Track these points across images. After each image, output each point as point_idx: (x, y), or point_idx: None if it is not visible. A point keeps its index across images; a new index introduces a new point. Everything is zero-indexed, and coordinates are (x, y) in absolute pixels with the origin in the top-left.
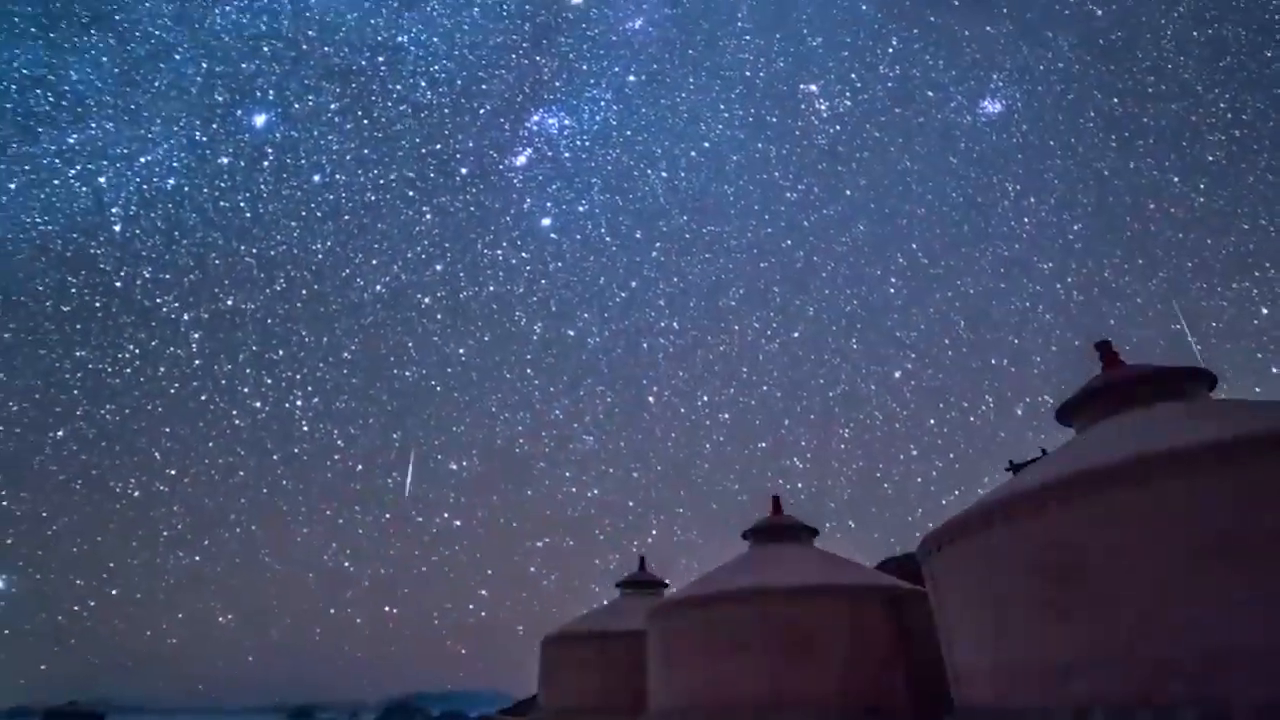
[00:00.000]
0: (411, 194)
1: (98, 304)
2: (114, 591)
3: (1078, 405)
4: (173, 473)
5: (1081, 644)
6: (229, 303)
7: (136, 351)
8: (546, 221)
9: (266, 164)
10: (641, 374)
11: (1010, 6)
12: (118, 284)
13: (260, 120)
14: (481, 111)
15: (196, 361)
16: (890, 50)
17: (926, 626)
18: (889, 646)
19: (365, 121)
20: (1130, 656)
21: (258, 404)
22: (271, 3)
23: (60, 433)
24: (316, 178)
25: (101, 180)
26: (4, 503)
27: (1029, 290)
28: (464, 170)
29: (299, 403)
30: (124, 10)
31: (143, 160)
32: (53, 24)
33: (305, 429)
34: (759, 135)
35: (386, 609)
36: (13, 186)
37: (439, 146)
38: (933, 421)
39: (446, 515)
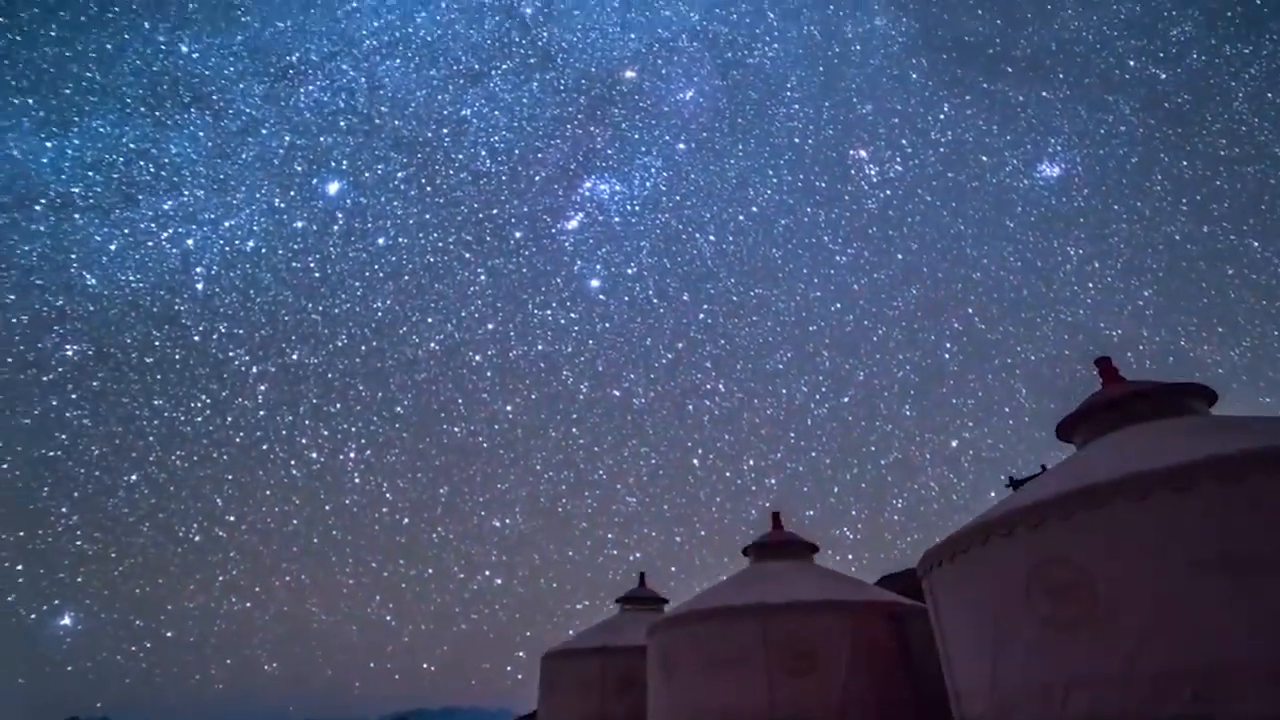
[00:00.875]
0: (468, 256)
1: (177, 356)
2: (169, 634)
3: (1077, 421)
4: (232, 519)
5: (1081, 660)
6: (294, 357)
7: (208, 401)
8: (595, 283)
9: (336, 228)
10: (686, 436)
11: (1066, 72)
12: (196, 338)
13: (334, 188)
14: (536, 178)
15: (261, 412)
16: (942, 116)
17: (927, 643)
18: (890, 663)
19: (428, 188)
20: (1130, 673)
21: (314, 454)
22: (350, 82)
23: (134, 477)
24: (381, 240)
25: (189, 242)
26: (79, 542)
27: (1092, 353)
28: (518, 234)
29: (352, 455)
30: (221, 91)
31: (227, 224)
32: (159, 103)
33: (356, 480)
34: (808, 200)
35: (424, 665)
36: (112, 248)
37: (495, 211)
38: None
39: (488, 573)
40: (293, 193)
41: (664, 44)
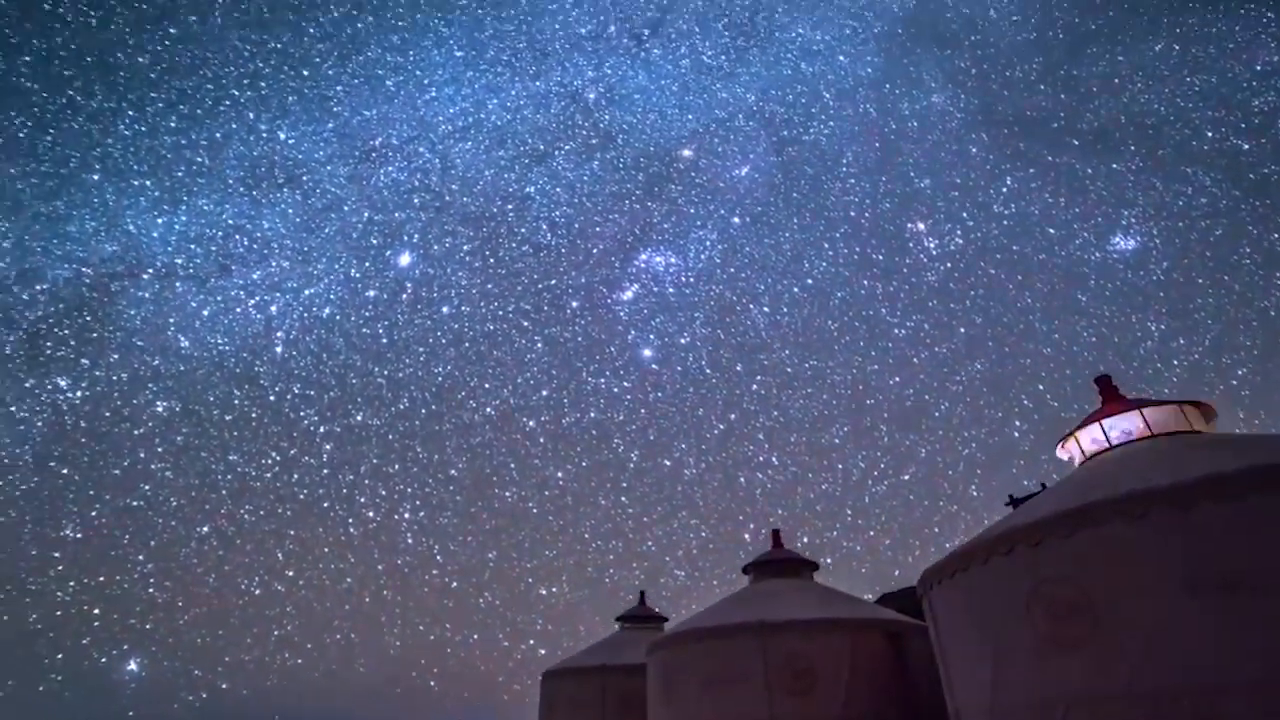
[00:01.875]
0: (526, 324)
1: (253, 414)
2: (224, 685)
3: (1077, 439)
4: (290, 574)
5: (1081, 678)
6: (359, 418)
7: (277, 458)
8: (648, 352)
9: (405, 296)
10: (738, 509)
11: (1138, 144)
12: (271, 398)
13: (405, 260)
14: (594, 251)
15: (325, 470)
16: (1004, 189)
17: (927, 660)
18: (890, 680)
19: (491, 260)
20: (1129, 690)
21: (371, 514)
22: (425, 163)
23: (205, 528)
24: (445, 309)
25: (273, 309)
26: (151, 589)
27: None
28: (574, 304)
29: (406, 515)
30: (311, 172)
31: (307, 293)
32: (256, 184)
33: (409, 541)
34: (864, 272)
35: None
36: (205, 314)
37: (554, 282)
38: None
39: (532, 642)
40: (367, 264)
41: (720, 124)
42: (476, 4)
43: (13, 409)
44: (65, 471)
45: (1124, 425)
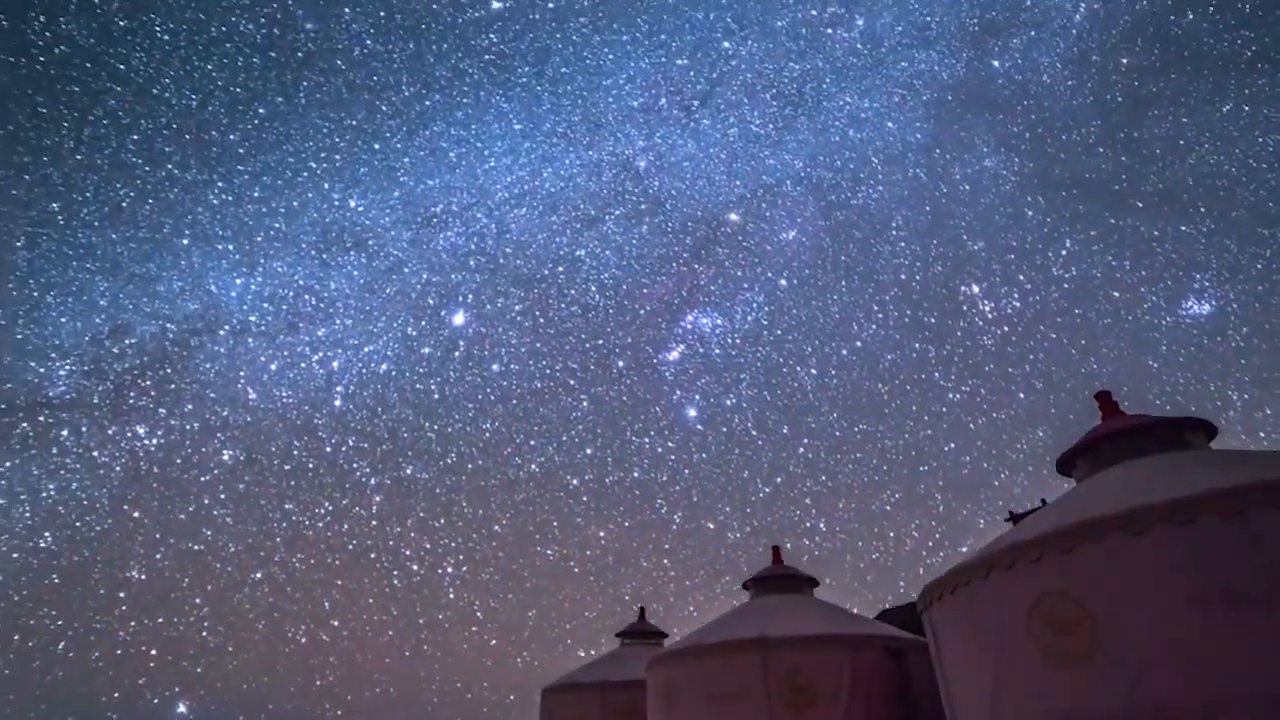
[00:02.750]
0: (572, 383)
1: (310, 465)
2: None
3: (1077, 455)
4: (335, 624)
5: (1083, 694)
6: (408, 471)
7: (330, 508)
8: (693, 413)
9: (457, 354)
10: None
11: (1208, 206)
12: (328, 449)
13: (459, 319)
14: (641, 312)
15: (374, 522)
16: (1064, 252)
17: (927, 676)
18: (890, 697)
19: (541, 320)
20: (1131, 707)
21: (415, 567)
22: (482, 228)
23: (259, 574)
24: (495, 366)
25: (334, 364)
26: (204, 633)
27: None
28: (620, 363)
29: (449, 569)
30: (376, 236)
31: (367, 349)
32: (327, 247)
33: (451, 596)
34: (916, 335)
35: None
36: (273, 368)
37: (600, 342)
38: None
39: None
40: (424, 323)
41: (767, 189)
42: (535, 82)
43: (95, 454)
44: (136, 515)
45: (1123, 441)
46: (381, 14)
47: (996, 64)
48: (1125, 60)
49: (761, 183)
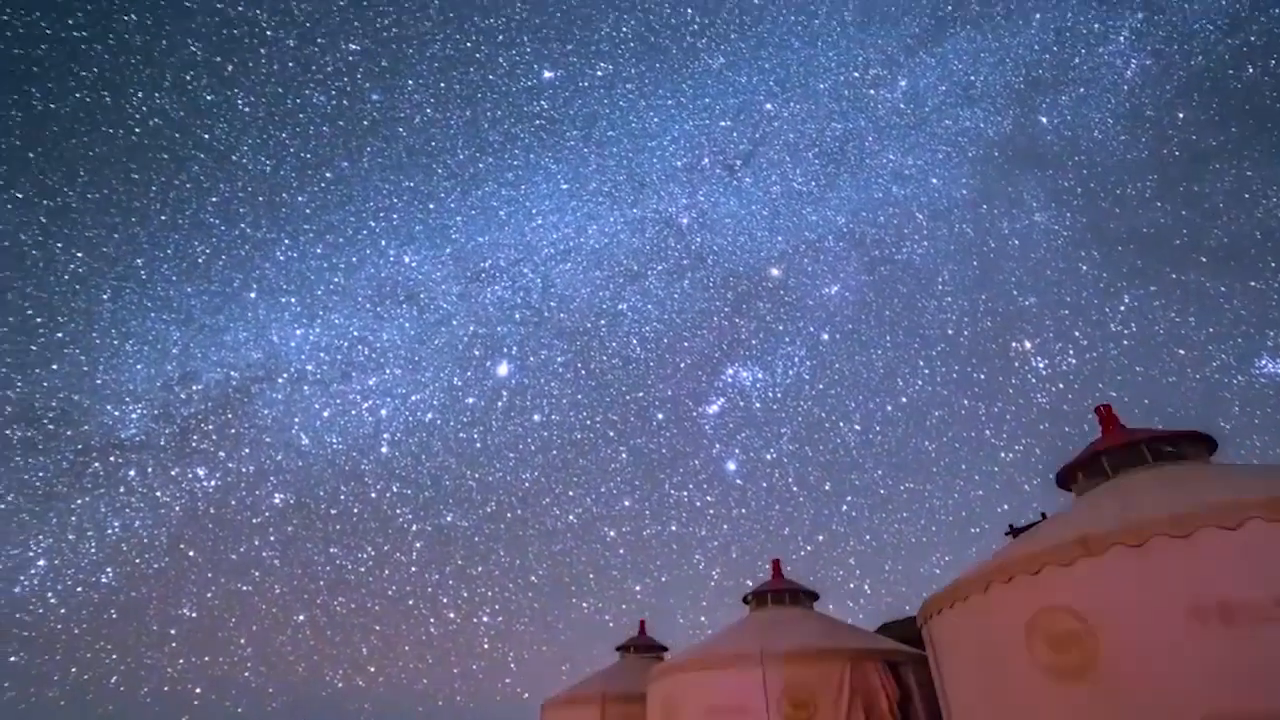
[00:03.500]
0: (612, 434)
1: (355, 510)
2: None
3: (1077, 469)
4: (372, 669)
5: (1081, 708)
6: (448, 519)
7: (372, 553)
8: (732, 466)
9: (500, 404)
10: None
11: (1278, 259)
12: (373, 494)
13: (503, 369)
14: (681, 365)
15: (413, 568)
16: (1122, 308)
17: (927, 691)
18: (890, 710)
19: (583, 372)
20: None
21: (451, 614)
22: (528, 282)
23: (301, 617)
24: (536, 417)
25: (383, 412)
26: (247, 674)
27: None
28: (660, 415)
29: (485, 619)
30: (428, 290)
31: (414, 398)
32: (381, 301)
33: (485, 646)
34: (964, 392)
35: None
36: (325, 414)
37: (641, 394)
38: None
39: None
40: (469, 373)
41: (810, 244)
42: (583, 144)
43: (159, 493)
44: (191, 554)
45: (1123, 455)
46: (441, 84)
47: (1045, 120)
48: (1182, 115)
49: (804, 238)
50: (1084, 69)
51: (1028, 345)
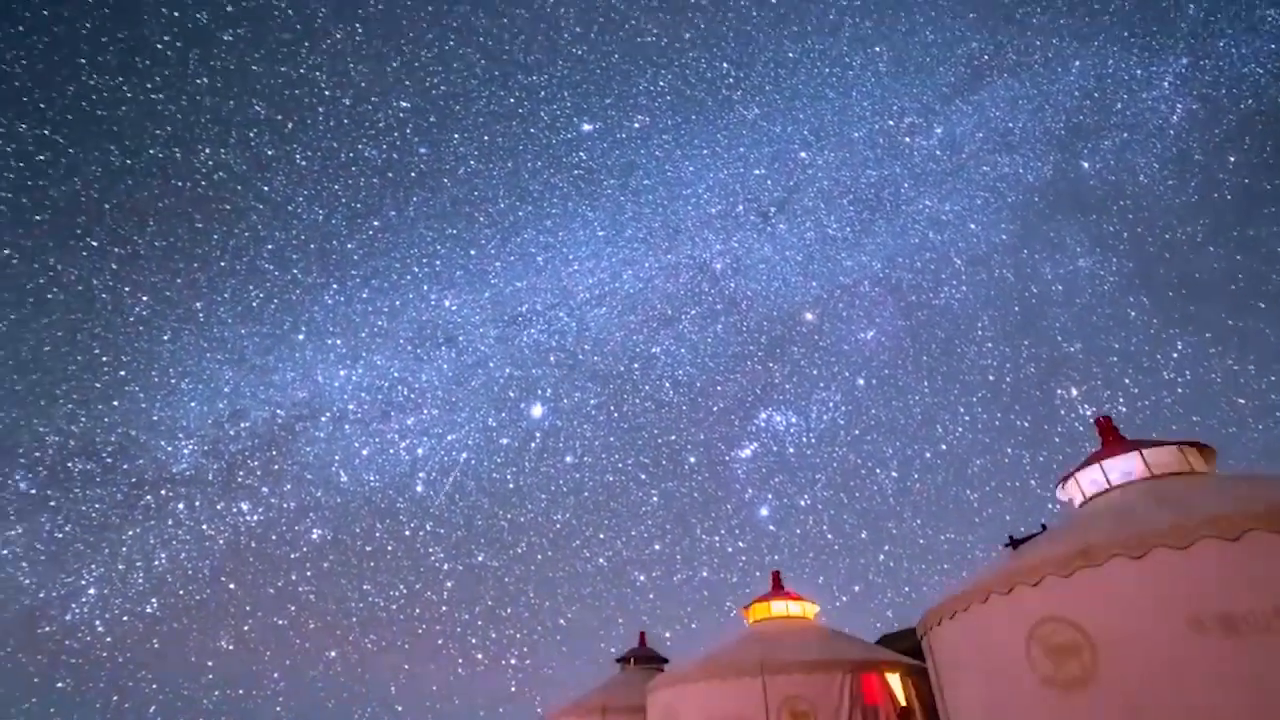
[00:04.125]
0: (644, 477)
1: (389, 547)
2: None
3: (1077, 480)
4: (400, 708)
5: (1080, 717)
6: (479, 558)
7: (404, 591)
8: (765, 512)
9: (533, 445)
10: None
11: None
12: (407, 532)
13: (537, 411)
14: (714, 409)
15: (444, 607)
16: (1175, 355)
17: (927, 701)
18: None
19: (616, 415)
20: None
21: (480, 655)
22: (563, 326)
23: (333, 653)
24: (569, 458)
25: (419, 451)
26: (278, 708)
27: None
28: (692, 459)
29: (513, 661)
30: (466, 334)
31: (449, 438)
32: (421, 343)
33: (513, 689)
34: (1007, 439)
35: None
36: (365, 453)
37: (673, 438)
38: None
39: None
40: (504, 414)
41: (845, 289)
42: (619, 192)
43: (204, 526)
44: (232, 586)
45: (1124, 466)
46: (485, 137)
47: (1087, 165)
48: (1233, 158)
49: (839, 283)
50: (1127, 114)
51: (1074, 392)
